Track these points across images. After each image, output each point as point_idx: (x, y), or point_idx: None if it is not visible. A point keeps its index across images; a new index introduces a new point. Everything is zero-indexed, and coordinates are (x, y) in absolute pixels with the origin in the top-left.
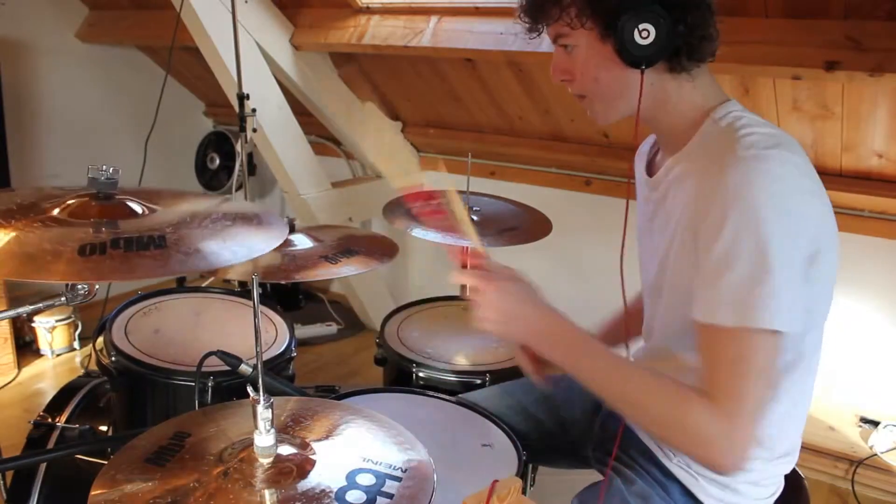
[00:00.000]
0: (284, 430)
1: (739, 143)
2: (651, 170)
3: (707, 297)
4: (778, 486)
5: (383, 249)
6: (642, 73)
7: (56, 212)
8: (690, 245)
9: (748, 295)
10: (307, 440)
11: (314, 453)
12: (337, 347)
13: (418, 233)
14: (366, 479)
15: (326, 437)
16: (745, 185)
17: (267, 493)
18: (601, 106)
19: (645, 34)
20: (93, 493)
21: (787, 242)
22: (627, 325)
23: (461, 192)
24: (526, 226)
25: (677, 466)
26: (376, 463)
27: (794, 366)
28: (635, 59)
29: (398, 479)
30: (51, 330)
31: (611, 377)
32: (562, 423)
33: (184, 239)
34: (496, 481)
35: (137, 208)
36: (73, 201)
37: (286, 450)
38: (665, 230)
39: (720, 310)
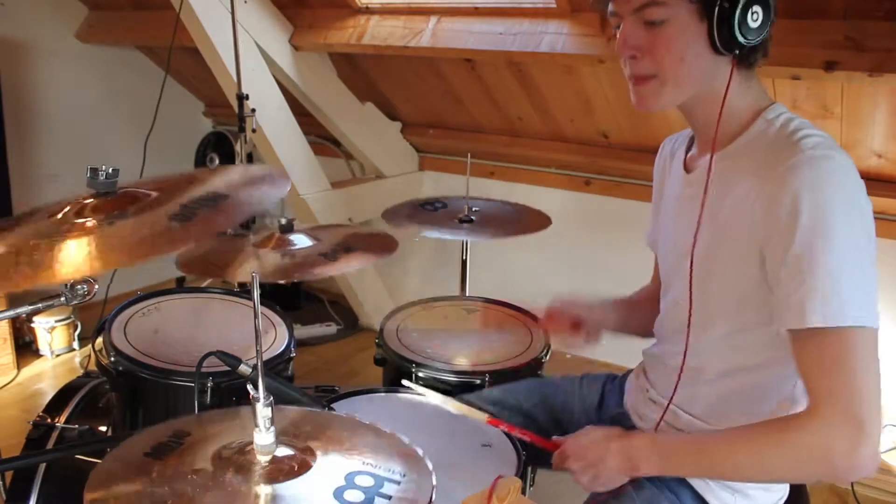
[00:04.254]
0: (283, 433)
1: (803, 143)
2: (687, 166)
3: (793, 302)
4: (786, 491)
5: (382, 245)
6: (734, 58)
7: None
8: (746, 248)
9: (834, 293)
10: (306, 444)
11: (312, 455)
12: (336, 347)
13: (429, 234)
14: (364, 481)
15: (325, 446)
16: (817, 183)
17: (265, 491)
18: (671, 89)
19: (755, 17)
20: (88, 491)
21: (863, 239)
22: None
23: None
24: (525, 227)
25: None
26: (375, 466)
27: None
28: (734, 43)
29: (397, 482)
30: (50, 330)
31: (715, 458)
32: (560, 424)
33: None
34: (498, 478)
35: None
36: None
37: (285, 451)
38: (705, 227)
39: (810, 313)
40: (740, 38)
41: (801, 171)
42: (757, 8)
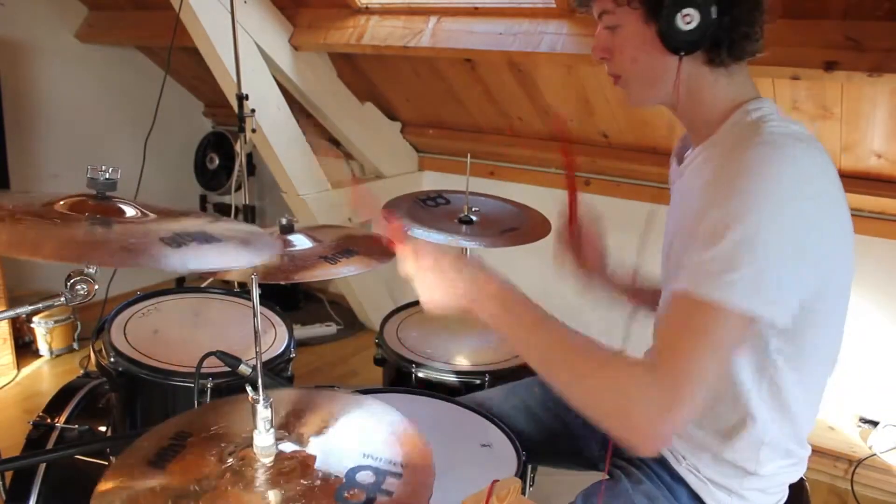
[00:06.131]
0: (284, 426)
1: (764, 130)
2: (681, 161)
3: (688, 267)
4: (784, 494)
5: (382, 250)
6: (680, 59)
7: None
8: (694, 225)
9: (726, 268)
10: (307, 436)
11: (314, 450)
12: (336, 348)
13: (417, 233)
14: (366, 477)
15: (326, 432)
16: (762, 164)
17: (268, 493)
18: (636, 88)
19: (688, 20)
20: (97, 491)
21: (777, 230)
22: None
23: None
24: (525, 226)
25: (686, 470)
26: (376, 459)
27: (793, 362)
28: (676, 44)
29: (398, 475)
30: (50, 330)
31: (539, 345)
32: (565, 423)
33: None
34: (495, 481)
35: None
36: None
37: (286, 447)
38: (679, 220)
39: (696, 280)
40: (678, 41)
41: (751, 152)
42: (690, 10)
